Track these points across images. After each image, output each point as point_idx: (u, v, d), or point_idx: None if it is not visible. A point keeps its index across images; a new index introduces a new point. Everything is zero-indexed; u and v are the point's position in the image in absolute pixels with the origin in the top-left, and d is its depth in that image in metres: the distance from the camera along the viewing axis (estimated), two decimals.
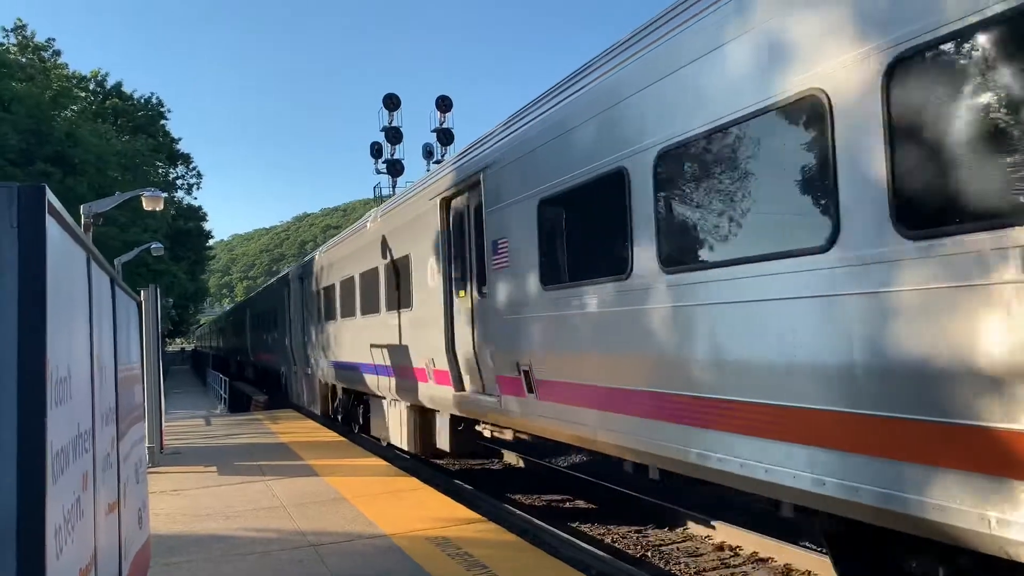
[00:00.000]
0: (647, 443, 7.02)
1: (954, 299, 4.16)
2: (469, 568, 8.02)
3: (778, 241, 5.38)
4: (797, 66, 5.16)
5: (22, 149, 34.47)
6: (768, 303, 5.37)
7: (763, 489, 5.68)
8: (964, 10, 4.10)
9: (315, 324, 22.61)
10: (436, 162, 44.06)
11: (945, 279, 4.19)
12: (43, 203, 2.48)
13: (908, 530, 4.66)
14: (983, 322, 4.03)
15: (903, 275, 4.41)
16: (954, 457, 4.24)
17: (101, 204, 18.83)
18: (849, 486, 4.82)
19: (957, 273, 4.14)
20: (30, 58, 47.29)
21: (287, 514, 10.99)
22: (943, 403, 4.27)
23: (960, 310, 4.13)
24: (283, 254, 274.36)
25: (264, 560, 8.76)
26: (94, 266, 4.03)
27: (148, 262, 37.47)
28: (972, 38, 4.10)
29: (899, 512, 4.54)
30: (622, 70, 7.33)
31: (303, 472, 14.32)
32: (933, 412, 4.32)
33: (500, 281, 9.86)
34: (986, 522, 4.10)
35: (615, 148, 7.25)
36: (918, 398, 4.39)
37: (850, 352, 4.73)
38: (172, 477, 14.48)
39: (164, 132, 59.20)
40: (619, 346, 7.36)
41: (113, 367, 4.93)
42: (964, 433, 4.18)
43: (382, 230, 15.38)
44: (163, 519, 10.81)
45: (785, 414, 5.25)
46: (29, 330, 2.36)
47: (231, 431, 22.12)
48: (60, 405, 2.76)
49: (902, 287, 4.42)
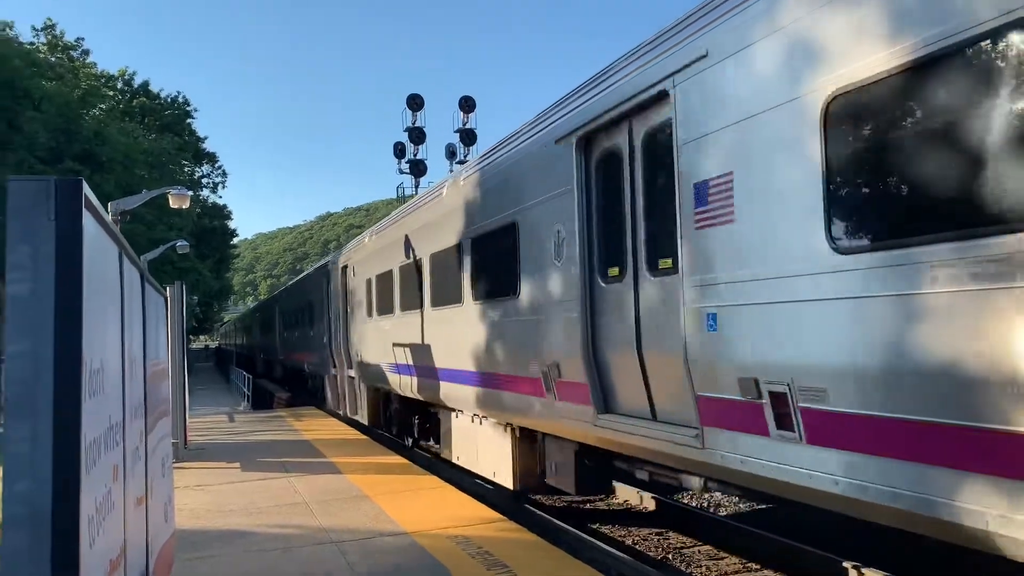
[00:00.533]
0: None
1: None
2: (490, 567, 8.03)
3: None
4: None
5: (51, 147, 34.93)
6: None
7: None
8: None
9: (364, 320, 19.15)
10: (459, 162, 44.11)
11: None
12: (80, 196, 2.52)
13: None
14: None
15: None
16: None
17: (128, 201, 19.07)
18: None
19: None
20: (59, 57, 47.93)
21: (309, 511, 11.05)
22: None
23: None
24: (306, 253, 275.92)
25: (286, 556, 8.82)
26: (126, 260, 4.08)
27: (174, 260, 37.88)
28: None
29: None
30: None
31: (325, 469, 14.40)
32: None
33: (712, 247, 6.32)
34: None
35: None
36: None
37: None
38: (196, 472, 14.61)
39: (190, 131, 59.84)
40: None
41: (142, 361, 4.99)
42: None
43: (465, 194, 11.95)
44: (187, 514, 10.91)
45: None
46: (66, 321, 2.39)
47: (254, 428, 22.29)
48: (93, 397, 2.80)
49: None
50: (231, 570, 8.39)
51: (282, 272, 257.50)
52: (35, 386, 2.38)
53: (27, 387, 2.37)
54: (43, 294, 2.40)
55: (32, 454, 2.37)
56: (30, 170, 32.54)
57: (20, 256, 2.42)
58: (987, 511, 4.27)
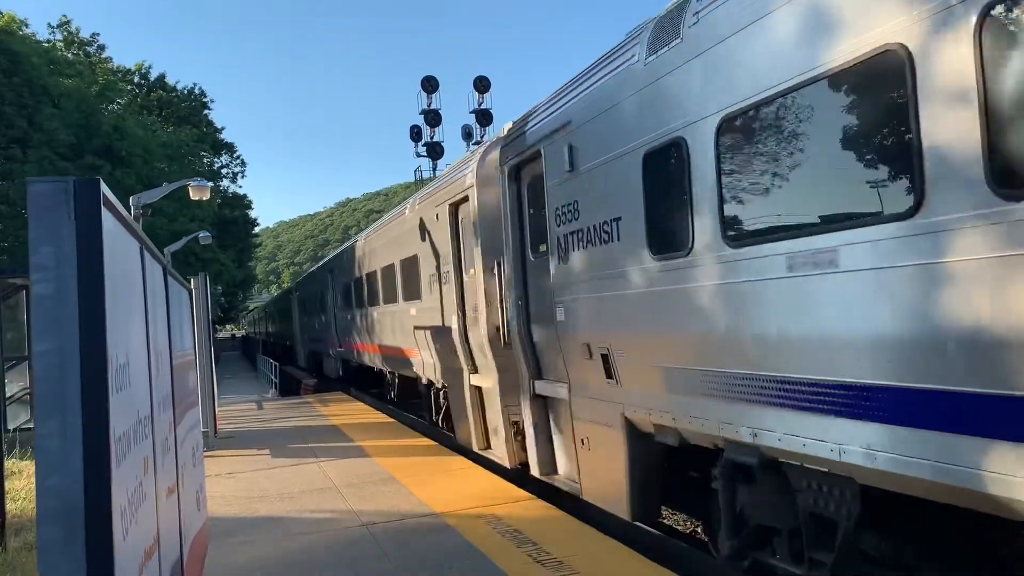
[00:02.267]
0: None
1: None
2: (520, 545, 8.10)
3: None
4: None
5: (71, 144, 35.28)
6: None
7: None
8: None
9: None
10: (476, 143, 44.01)
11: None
12: (99, 196, 2.55)
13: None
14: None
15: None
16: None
17: (149, 195, 19.24)
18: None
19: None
20: (76, 54, 48.25)
21: (339, 495, 11.18)
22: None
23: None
24: (327, 239, 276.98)
25: (318, 539, 8.94)
26: (147, 256, 4.13)
27: (196, 251, 38.24)
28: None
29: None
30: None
31: (354, 453, 14.55)
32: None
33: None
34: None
35: None
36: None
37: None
38: (227, 460, 14.81)
39: (207, 122, 60.01)
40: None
41: (168, 354, 5.06)
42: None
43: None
44: (219, 502, 11.08)
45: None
46: (89, 319, 2.44)
47: (282, 414, 22.53)
48: (120, 391, 2.85)
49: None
50: (264, 555, 8.53)
51: (304, 259, 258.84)
52: (62, 383, 2.43)
53: (55, 384, 2.42)
54: (67, 293, 2.44)
55: (62, 449, 2.43)
56: (51, 166, 32.90)
57: (43, 257, 2.47)
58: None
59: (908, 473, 4.74)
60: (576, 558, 7.58)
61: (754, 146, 5.88)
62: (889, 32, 4.63)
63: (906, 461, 4.75)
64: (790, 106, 5.49)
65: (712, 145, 6.22)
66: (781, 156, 5.66)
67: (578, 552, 7.78)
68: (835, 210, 5.19)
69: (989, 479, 4.27)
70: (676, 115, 6.69)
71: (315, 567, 7.98)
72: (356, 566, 7.91)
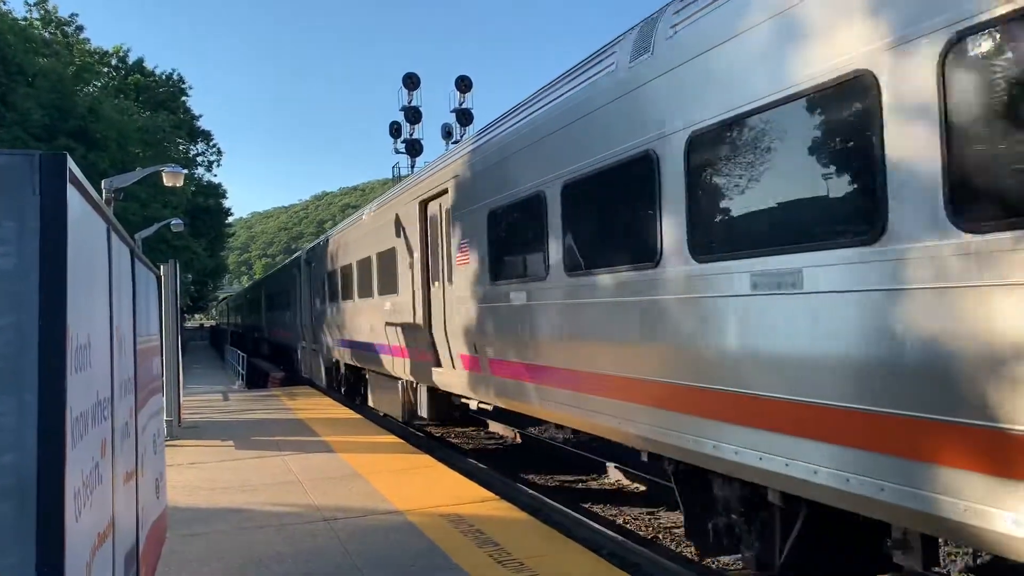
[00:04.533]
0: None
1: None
2: (481, 545, 8.09)
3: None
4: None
5: (45, 124, 34.71)
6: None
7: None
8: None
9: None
10: (455, 142, 43.95)
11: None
12: (64, 171, 2.51)
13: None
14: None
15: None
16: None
17: (122, 179, 18.97)
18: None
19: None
20: (53, 33, 47.50)
21: (303, 489, 11.11)
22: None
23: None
24: (302, 232, 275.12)
25: (279, 533, 8.88)
26: (114, 237, 4.08)
27: (168, 238, 37.77)
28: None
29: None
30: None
31: (319, 448, 14.45)
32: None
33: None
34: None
35: None
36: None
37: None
38: (190, 451, 14.66)
39: (185, 108, 59.29)
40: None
41: (132, 338, 5.00)
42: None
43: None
44: (181, 491, 10.96)
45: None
46: (50, 296, 2.40)
47: (248, 406, 22.34)
48: (79, 371, 2.81)
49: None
50: (224, 547, 8.44)
51: (277, 251, 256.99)
52: (20, 360, 2.39)
53: (12, 361, 2.38)
54: (28, 269, 2.40)
55: (18, 427, 2.39)
56: (24, 147, 32.34)
57: (5, 231, 2.42)
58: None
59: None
60: (537, 559, 7.58)
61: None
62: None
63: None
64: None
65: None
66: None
67: (540, 554, 7.78)
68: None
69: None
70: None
71: (274, 560, 7.92)
72: (316, 560, 7.86)
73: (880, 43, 4.58)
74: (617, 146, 7.27)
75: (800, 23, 5.19)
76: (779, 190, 5.52)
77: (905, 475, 4.51)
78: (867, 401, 4.73)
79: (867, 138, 4.72)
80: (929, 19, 4.29)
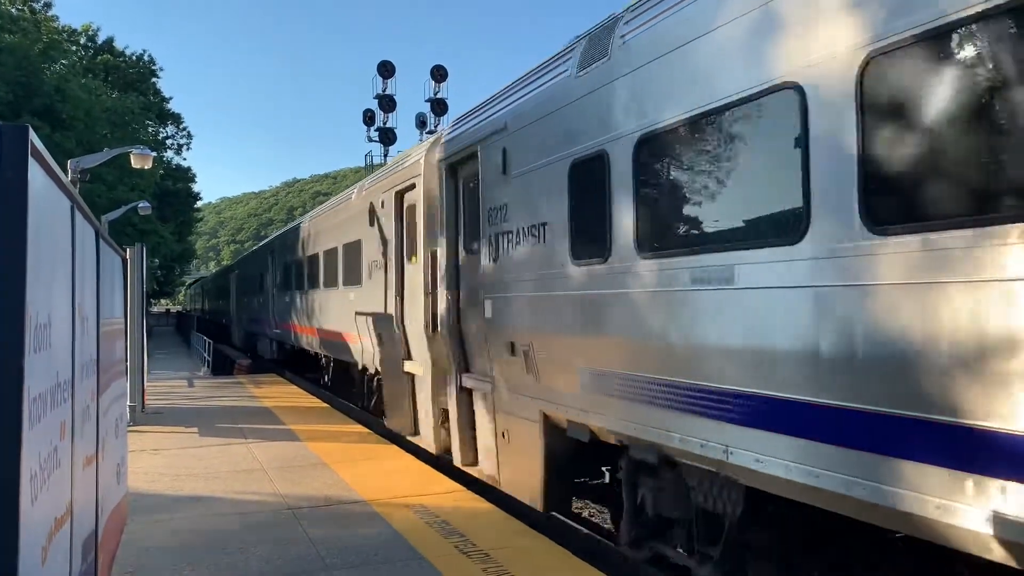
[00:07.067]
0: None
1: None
2: (447, 536, 8.07)
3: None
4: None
5: (9, 102, 33.99)
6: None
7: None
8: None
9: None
10: (429, 132, 43.73)
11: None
12: (26, 144, 2.43)
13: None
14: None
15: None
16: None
17: (88, 160, 18.64)
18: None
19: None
20: (20, 9, 46.51)
21: (267, 477, 11.01)
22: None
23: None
24: (271, 219, 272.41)
25: (242, 520, 8.79)
26: (78, 216, 3.98)
27: (135, 221, 37.12)
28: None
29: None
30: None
31: (284, 436, 14.34)
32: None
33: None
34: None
35: None
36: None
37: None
38: (153, 437, 14.47)
39: (155, 90, 58.45)
40: None
41: (95, 320, 4.89)
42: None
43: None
44: (143, 478, 10.81)
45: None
46: (8, 271, 2.32)
47: (213, 393, 22.11)
48: (39, 352, 2.73)
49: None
50: (186, 534, 8.34)
51: (246, 238, 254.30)
52: None
53: None
54: None
55: None
56: None
57: None
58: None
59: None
60: (502, 551, 7.57)
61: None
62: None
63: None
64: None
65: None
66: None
67: (504, 545, 7.77)
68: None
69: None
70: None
71: (237, 548, 7.83)
72: (279, 549, 7.78)
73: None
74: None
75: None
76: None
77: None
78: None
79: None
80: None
